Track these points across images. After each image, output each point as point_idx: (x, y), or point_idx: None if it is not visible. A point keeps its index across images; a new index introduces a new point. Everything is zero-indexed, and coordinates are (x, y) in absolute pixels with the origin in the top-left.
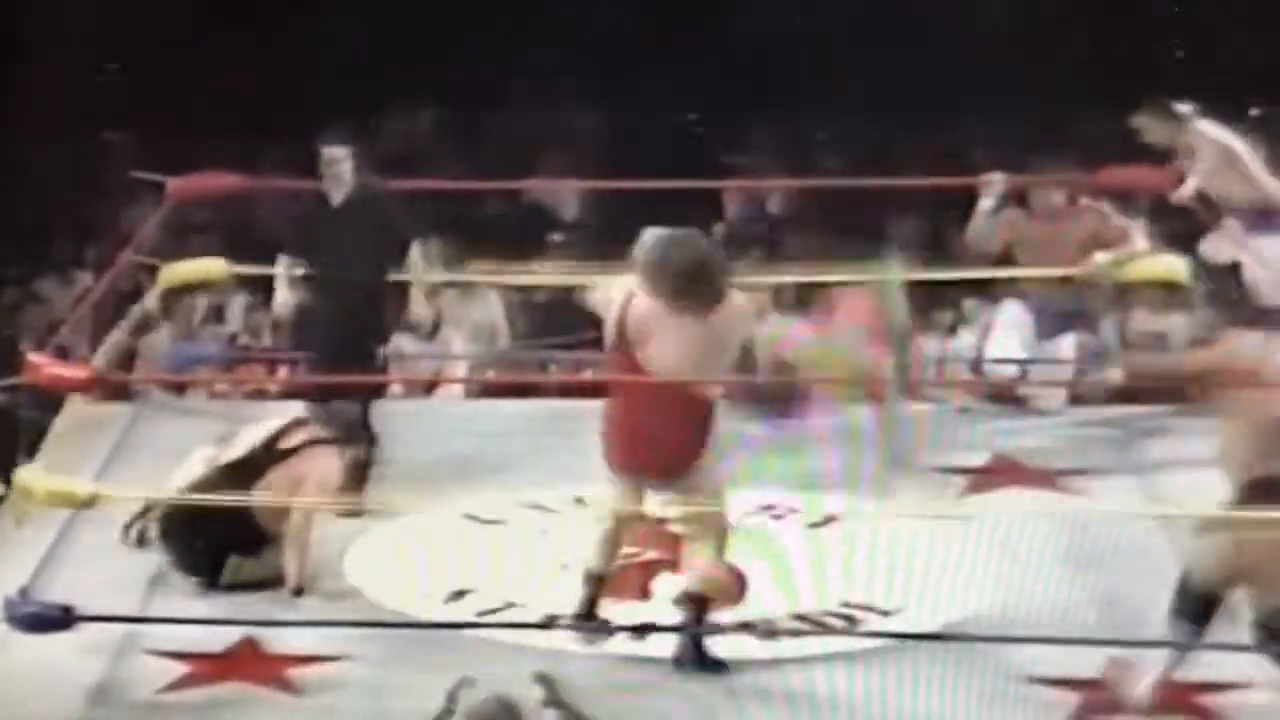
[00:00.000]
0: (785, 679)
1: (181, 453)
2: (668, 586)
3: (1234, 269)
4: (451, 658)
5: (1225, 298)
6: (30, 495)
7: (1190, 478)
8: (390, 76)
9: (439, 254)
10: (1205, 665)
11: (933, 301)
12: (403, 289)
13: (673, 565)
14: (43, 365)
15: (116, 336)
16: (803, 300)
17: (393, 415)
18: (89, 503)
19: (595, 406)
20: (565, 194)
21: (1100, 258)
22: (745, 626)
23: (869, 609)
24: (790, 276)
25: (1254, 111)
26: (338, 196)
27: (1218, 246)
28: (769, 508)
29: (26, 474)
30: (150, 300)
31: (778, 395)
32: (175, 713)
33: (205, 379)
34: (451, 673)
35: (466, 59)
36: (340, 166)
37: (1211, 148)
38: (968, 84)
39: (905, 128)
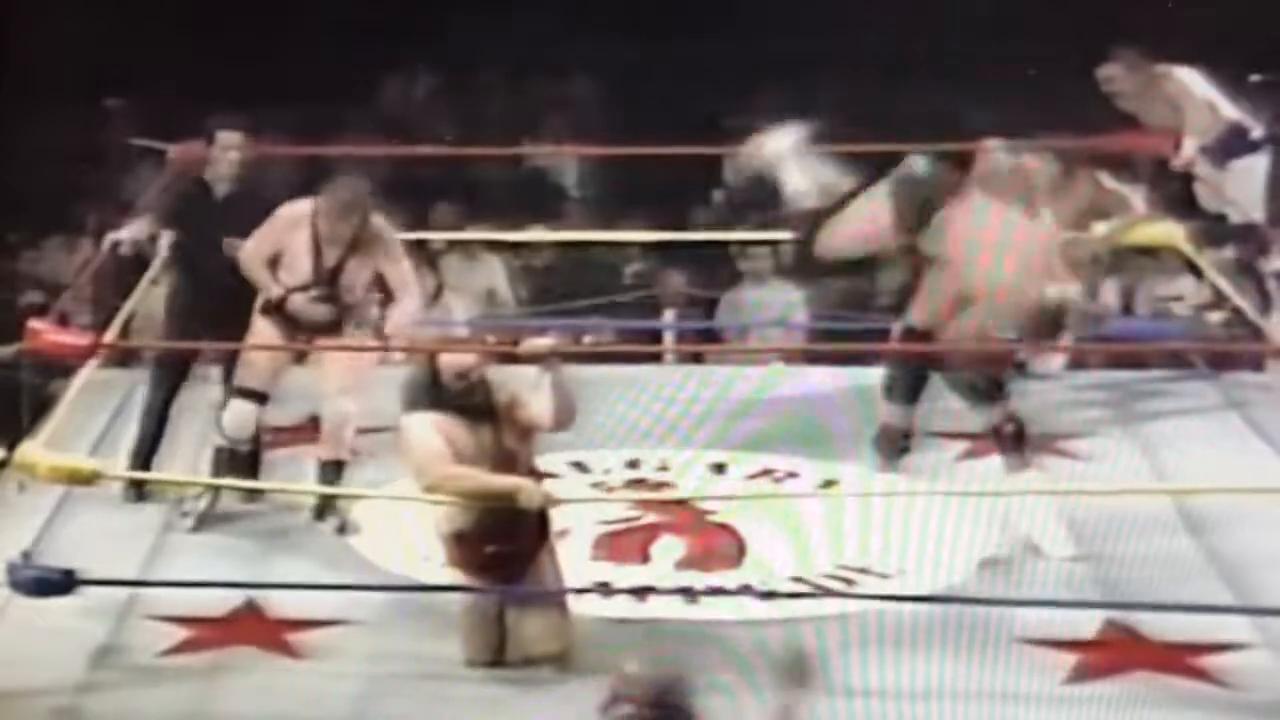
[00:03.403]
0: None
1: (182, 416)
2: (667, 550)
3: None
4: (452, 621)
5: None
6: (33, 471)
7: (1188, 440)
8: (390, 39)
9: None
10: (1202, 627)
11: None
12: None
13: (673, 529)
14: (44, 332)
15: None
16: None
17: (394, 383)
18: (91, 479)
19: (597, 372)
20: (566, 159)
21: (1099, 228)
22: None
23: (865, 571)
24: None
25: (1254, 78)
26: (220, 187)
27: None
28: (769, 472)
29: (29, 449)
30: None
31: None
32: (177, 676)
33: (205, 344)
34: (452, 636)
35: (465, 22)
36: (231, 154)
37: (1200, 105)
38: (966, 47)
39: (904, 91)
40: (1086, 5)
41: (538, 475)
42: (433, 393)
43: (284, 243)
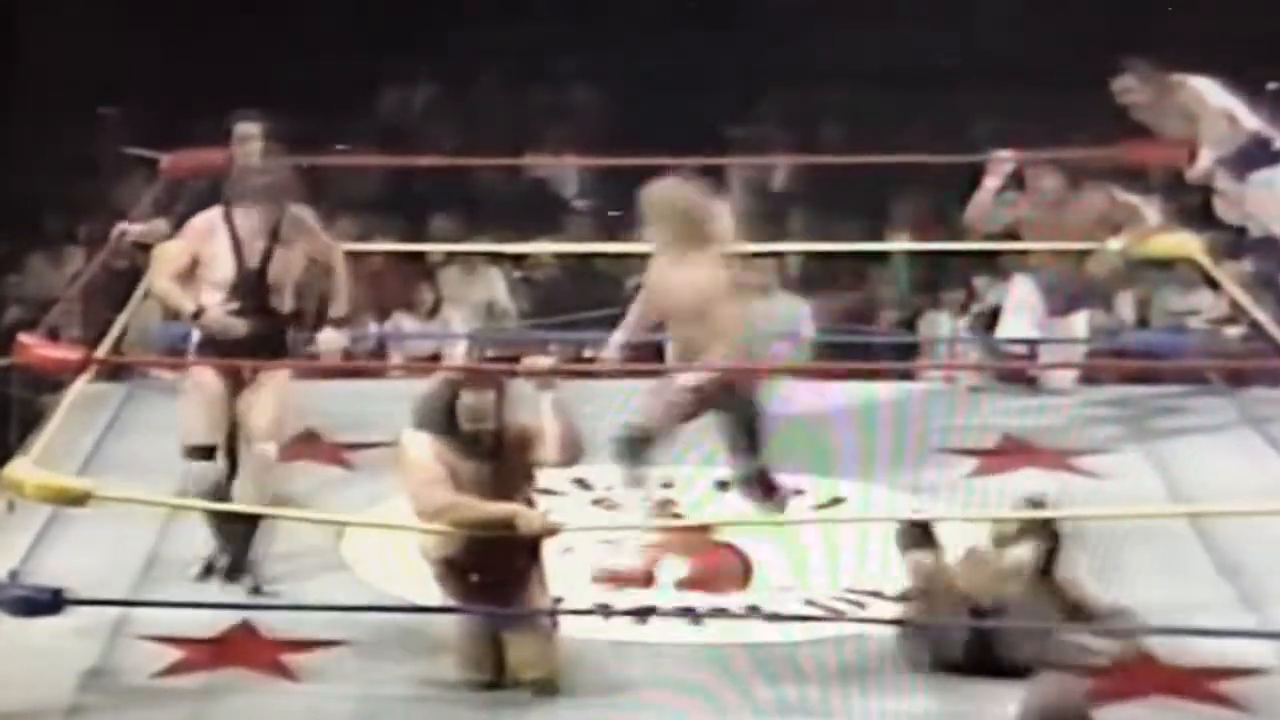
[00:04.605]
0: (789, 662)
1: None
2: (671, 571)
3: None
4: (448, 642)
5: None
6: (21, 490)
7: (1205, 457)
8: (389, 49)
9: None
10: (1221, 651)
11: (943, 279)
12: None
13: (676, 548)
14: (33, 346)
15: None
16: (806, 276)
17: (392, 397)
18: (81, 500)
19: (598, 387)
20: (566, 170)
21: (1113, 241)
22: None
23: (875, 595)
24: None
25: (1271, 86)
26: None
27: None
28: None
29: (18, 467)
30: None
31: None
32: (169, 698)
33: (197, 361)
34: (448, 657)
35: (464, 31)
36: (251, 145)
37: (1216, 115)
38: (973, 58)
39: (911, 101)
40: (1099, 14)
41: (531, 502)
42: (443, 419)
43: (200, 252)
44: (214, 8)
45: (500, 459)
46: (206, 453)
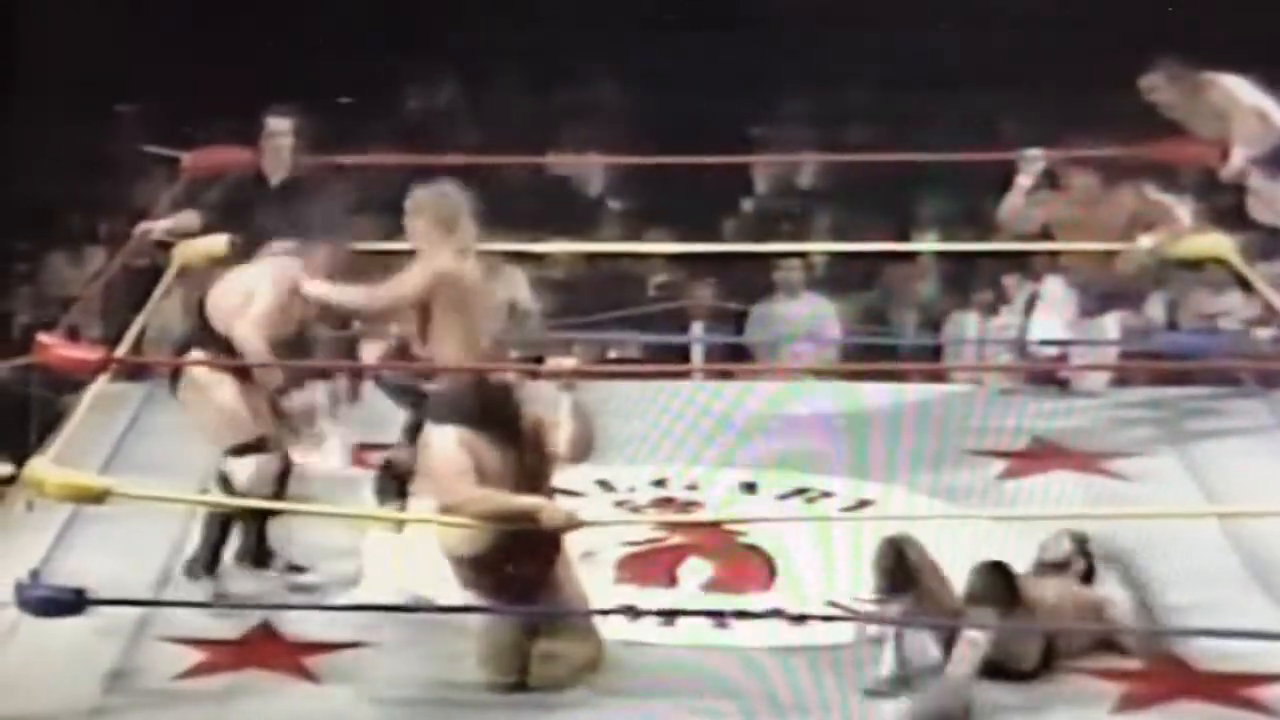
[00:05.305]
0: (814, 664)
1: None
2: (694, 571)
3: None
4: (472, 643)
5: None
6: (41, 488)
7: (1237, 460)
8: (409, 45)
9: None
10: (1252, 656)
11: (972, 279)
12: None
13: (700, 550)
14: (53, 345)
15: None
16: (833, 276)
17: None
18: (101, 497)
19: (622, 388)
20: (590, 169)
21: (1144, 240)
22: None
23: None
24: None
25: None
26: (275, 175)
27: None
28: (802, 491)
29: (38, 465)
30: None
31: None
32: (191, 700)
33: (214, 361)
34: (472, 659)
35: (489, 28)
36: (281, 140)
37: (1248, 114)
38: (1003, 57)
39: (940, 100)
40: (1131, 13)
41: (551, 495)
42: (465, 408)
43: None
44: (232, 6)
45: (523, 447)
46: (258, 446)
